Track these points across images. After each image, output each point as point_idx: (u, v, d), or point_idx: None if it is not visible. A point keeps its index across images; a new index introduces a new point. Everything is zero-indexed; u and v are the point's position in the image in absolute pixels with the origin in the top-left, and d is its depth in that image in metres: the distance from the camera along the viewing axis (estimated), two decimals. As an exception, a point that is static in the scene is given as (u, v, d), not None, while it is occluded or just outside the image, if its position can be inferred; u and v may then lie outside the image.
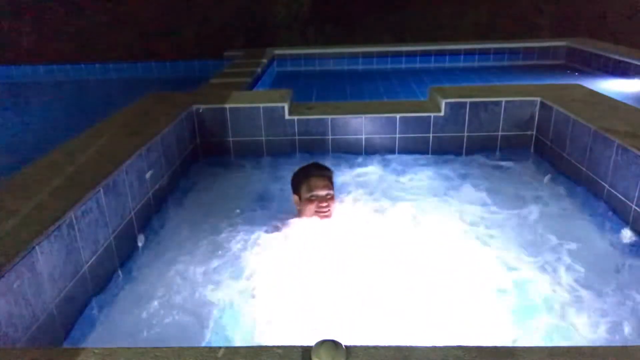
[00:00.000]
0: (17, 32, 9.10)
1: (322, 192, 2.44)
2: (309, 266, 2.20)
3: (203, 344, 1.73)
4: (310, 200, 2.44)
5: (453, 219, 2.62)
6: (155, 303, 1.97)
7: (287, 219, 2.53)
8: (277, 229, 2.48)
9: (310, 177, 2.48)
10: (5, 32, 8.98)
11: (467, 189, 2.99)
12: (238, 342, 1.78)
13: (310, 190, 2.44)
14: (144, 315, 1.91)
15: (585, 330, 1.79)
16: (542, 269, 2.17)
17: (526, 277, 2.11)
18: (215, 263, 2.23)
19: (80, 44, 8.96)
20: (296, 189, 2.54)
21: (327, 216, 2.44)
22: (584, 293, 2.00)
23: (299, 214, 2.55)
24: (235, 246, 2.36)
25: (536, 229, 2.49)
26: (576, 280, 2.08)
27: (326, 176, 2.52)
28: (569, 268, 2.16)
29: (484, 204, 2.79)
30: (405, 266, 2.18)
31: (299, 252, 2.30)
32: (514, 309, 1.92)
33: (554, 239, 2.38)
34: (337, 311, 1.91)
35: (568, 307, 1.92)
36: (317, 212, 2.43)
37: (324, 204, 2.42)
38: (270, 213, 2.68)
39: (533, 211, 2.69)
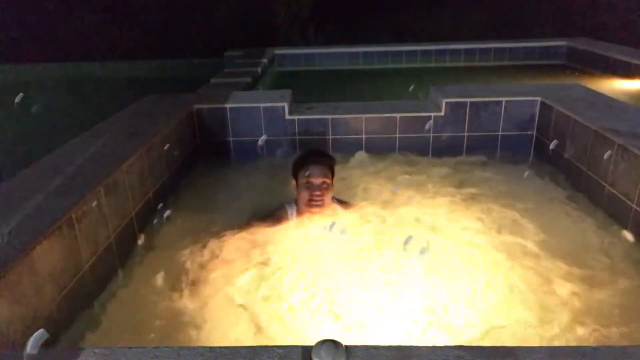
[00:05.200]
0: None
1: (318, 181, 2.39)
2: (310, 265, 2.19)
3: (203, 344, 1.73)
4: (305, 187, 2.41)
5: (453, 217, 2.62)
6: (155, 303, 1.97)
7: (288, 217, 2.53)
8: (277, 228, 2.47)
9: (307, 164, 2.44)
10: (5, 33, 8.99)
11: (467, 189, 3.00)
12: (238, 342, 1.78)
13: (306, 177, 2.40)
14: (144, 315, 1.91)
15: (582, 331, 1.79)
16: (541, 268, 2.16)
17: (525, 276, 2.11)
18: (214, 263, 2.23)
19: (81, 43, 8.96)
20: (294, 174, 2.51)
21: (319, 206, 2.41)
22: (583, 293, 2.00)
23: (295, 200, 2.53)
24: (236, 246, 2.36)
25: (535, 229, 2.49)
26: (576, 281, 2.08)
27: (325, 164, 2.46)
28: (566, 267, 2.16)
29: (483, 204, 2.79)
30: (404, 266, 2.18)
31: (299, 252, 2.30)
32: (510, 309, 1.92)
33: (553, 239, 2.38)
34: (337, 311, 1.91)
35: (567, 306, 1.92)
36: (309, 201, 2.40)
37: (317, 193, 2.38)
38: (271, 212, 2.68)
39: (532, 211, 2.69)
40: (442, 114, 3.52)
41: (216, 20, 9.18)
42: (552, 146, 3.18)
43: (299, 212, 2.50)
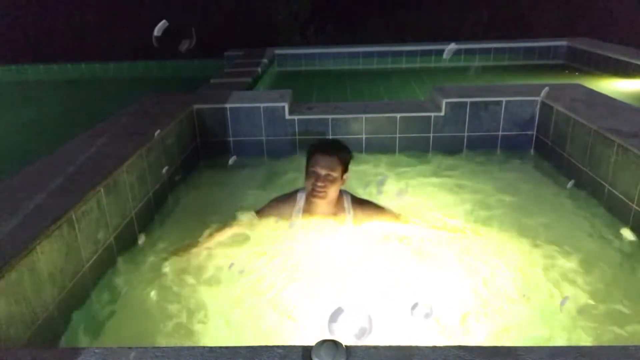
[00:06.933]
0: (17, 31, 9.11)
1: (322, 171, 2.34)
2: (310, 265, 2.19)
3: (203, 344, 1.73)
4: (310, 175, 2.37)
5: (452, 218, 2.62)
6: (155, 303, 1.97)
7: (297, 202, 2.51)
8: (277, 228, 2.47)
9: (316, 152, 2.39)
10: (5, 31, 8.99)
11: (467, 189, 3.00)
12: (238, 342, 1.78)
13: (313, 165, 2.36)
14: (144, 315, 1.91)
15: (585, 331, 1.79)
16: (542, 268, 2.16)
17: (525, 276, 2.11)
18: (214, 263, 2.23)
19: (81, 43, 8.96)
20: (306, 161, 2.47)
21: (320, 197, 2.37)
22: (583, 293, 2.00)
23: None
24: (235, 246, 2.36)
25: (536, 229, 2.49)
26: (575, 280, 2.08)
27: (335, 156, 2.38)
28: (568, 268, 2.16)
29: (484, 204, 2.79)
30: (405, 266, 2.18)
31: (299, 252, 2.30)
32: (511, 309, 1.92)
33: (554, 239, 2.38)
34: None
35: (567, 304, 1.92)
36: (312, 190, 2.36)
37: (320, 184, 2.33)
38: (272, 219, 2.67)
39: (533, 211, 2.69)
40: (442, 114, 3.52)
41: (216, 20, 9.18)
42: (542, 94, 3.17)
43: (307, 199, 2.47)
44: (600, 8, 9.05)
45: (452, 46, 2.06)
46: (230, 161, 2.86)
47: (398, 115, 3.53)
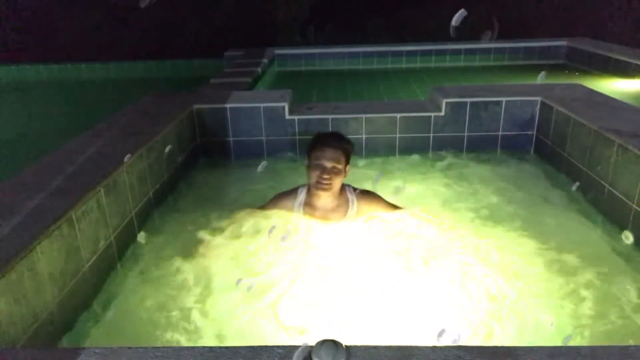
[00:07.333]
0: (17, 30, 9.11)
1: (328, 164, 2.35)
2: (310, 265, 2.19)
3: (202, 344, 1.73)
4: (314, 167, 2.37)
5: (453, 217, 2.62)
6: (156, 303, 1.97)
7: (297, 196, 2.53)
8: (278, 228, 2.47)
9: (321, 145, 2.39)
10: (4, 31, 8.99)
11: (467, 189, 3.00)
12: (238, 342, 1.78)
13: (317, 158, 2.37)
14: (144, 315, 1.91)
15: (584, 331, 1.79)
16: (542, 269, 2.17)
17: (525, 277, 2.11)
18: (215, 263, 2.23)
19: (81, 43, 8.96)
20: (308, 153, 2.47)
21: (325, 189, 2.38)
22: (583, 294, 2.00)
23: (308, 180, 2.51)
24: (236, 246, 2.36)
25: (536, 228, 2.49)
26: (575, 281, 2.08)
27: (339, 148, 2.39)
28: (568, 268, 2.16)
29: (484, 204, 2.79)
30: (405, 266, 2.18)
31: (299, 251, 2.30)
32: (511, 311, 1.92)
33: (554, 239, 2.38)
34: (338, 311, 1.91)
35: (567, 307, 1.92)
36: (317, 183, 2.37)
37: (325, 176, 2.34)
38: (271, 212, 2.68)
39: (533, 210, 2.69)
40: (442, 114, 3.52)
41: (216, 20, 9.18)
42: (539, 79, 3.15)
43: (309, 193, 2.49)
44: (600, 8, 9.05)
45: (462, 12, 2.02)
46: (260, 167, 2.80)
47: (398, 115, 3.53)
